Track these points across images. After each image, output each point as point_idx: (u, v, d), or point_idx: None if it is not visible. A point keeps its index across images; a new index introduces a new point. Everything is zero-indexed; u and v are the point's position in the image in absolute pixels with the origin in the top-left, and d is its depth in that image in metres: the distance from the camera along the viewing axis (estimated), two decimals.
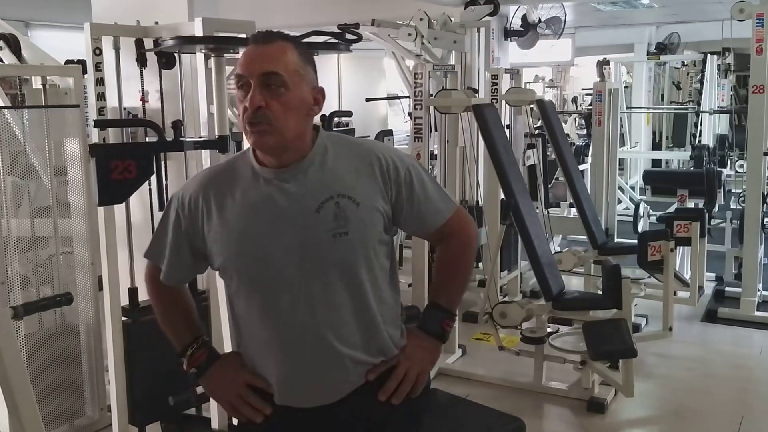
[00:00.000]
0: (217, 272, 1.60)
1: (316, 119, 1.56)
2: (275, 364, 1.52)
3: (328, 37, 3.14)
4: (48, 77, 3.30)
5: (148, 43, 2.95)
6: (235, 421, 2.79)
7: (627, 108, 9.78)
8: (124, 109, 3.04)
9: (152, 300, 1.71)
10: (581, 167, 6.34)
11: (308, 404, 1.53)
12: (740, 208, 6.13)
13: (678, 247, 4.65)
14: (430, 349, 1.63)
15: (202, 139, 2.77)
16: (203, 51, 2.68)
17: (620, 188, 7.53)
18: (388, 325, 1.57)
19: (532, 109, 5.20)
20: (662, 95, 11.66)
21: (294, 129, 1.47)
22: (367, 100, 6.58)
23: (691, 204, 5.98)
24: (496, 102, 4.92)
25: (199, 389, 2.98)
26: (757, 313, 4.99)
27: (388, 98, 8.89)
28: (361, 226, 1.48)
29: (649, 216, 6.25)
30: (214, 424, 2.99)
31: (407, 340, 1.61)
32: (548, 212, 5.15)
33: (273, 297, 1.48)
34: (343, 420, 1.54)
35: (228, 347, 2.74)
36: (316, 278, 1.47)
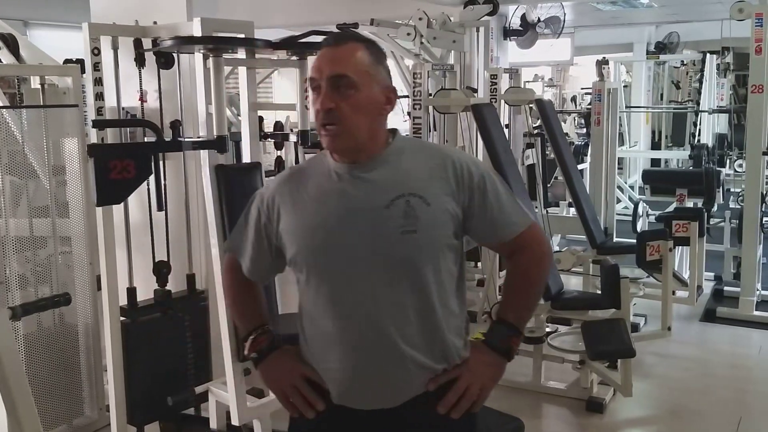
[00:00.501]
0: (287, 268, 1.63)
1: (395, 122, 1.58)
2: (338, 358, 1.51)
3: None
4: (46, 77, 3.30)
5: (147, 43, 2.95)
6: (234, 422, 2.81)
7: (626, 107, 9.79)
8: (123, 108, 3.04)
9: (226, 289, 1.79)
10: (580, 167, 6.34)
11: (366, 406, 1.53)
12: (739, 207, 6.13)
13: (677, 247, 4.65)
14: (494, 365, 1.60)
15: (200, 139, 2.76)
16: (202, 51, 2.68)
17: (619, 188, 7.53)
18: (452, 333, 1.54)
19: (531, 108, 5.20)
20: (661, 95, 11.66)
21: (365, 129, 1.49)
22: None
23: (690, 203, 5.98)
24: (495, 101, 4.91)
25: (198, 389, 2.99)
26: (756, 313, 5.00)
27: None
28: (431, 226, 1.47)
29: (648, 215, 6.25)
30: (213, 424, 3.00)
31: (471, 354, 1.58)
32: (547, 212, 5.14)
33: (340, 289, 1.50)
34: (398, 428, 1.53)
35: (227, 347, 2.74)
36: (383, 274, 1.47)
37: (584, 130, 8.84)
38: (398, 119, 10.06)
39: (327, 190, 1.52)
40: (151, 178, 2.81)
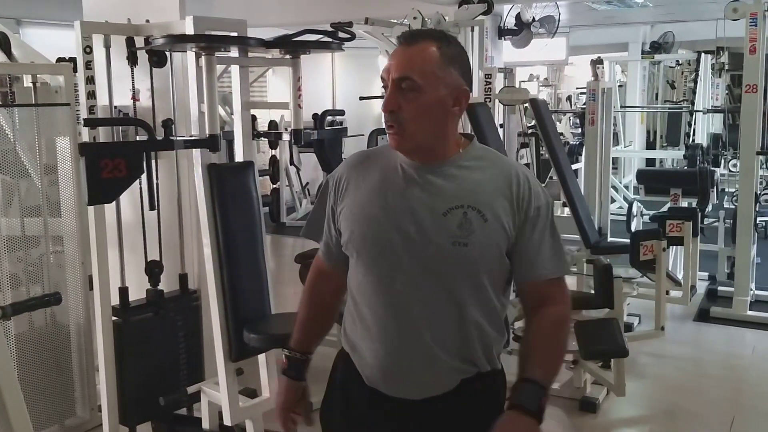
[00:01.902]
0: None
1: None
2: (372, 345, 1.54)
3: (321, 36, 3.13)
4: (38, 75, 3.28)
5: (139, 42, 2.94)
6: (226, 422, 2.80)
7: (621, 107, 9.80)
8: (115, 107, 3.02)
9: (305, 291, 1.77)
10: (575, 166, 6.35)
11: (394, 393, 1.54)
12: (733, 207, 6.14)
13: (671, 247, 4.66)
14: (529, 427, 1.45)
15: (192, 138, 2.75)
16: (194, 50, 2.67)
17: (614, 187, 7.53)
18: (486, 346, 1.52)
19: (525, 108, 5.20)
20: (656, 94, 11.69)
21: (429, 132, 1.48)
22: (361, 98, 6.58)
23: (684, 203, 5.99)
24: (490, 101, 4.91)
25: (190, 389, 2.98)
26: (750, 313, 5.01)
27: (382, 97, 8.86)
28: (484, 241, 1.46)
29: (642, 215, 6.26)
30: (205, 425, 2.99)
31: (501, 419, 1.46)
32: None
33: (384, 281, 1.51)
34: (424, 420, 1.54)
35: (220, 347, 2.73)
36: (425, 279, 1.48)
37: (579, 130, 8.86)
38: None
39: (391, 184, 1.52)
40: (143, 176, 2.80)
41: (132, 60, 2.95)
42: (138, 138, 2.99)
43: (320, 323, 1.76)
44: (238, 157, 2.92)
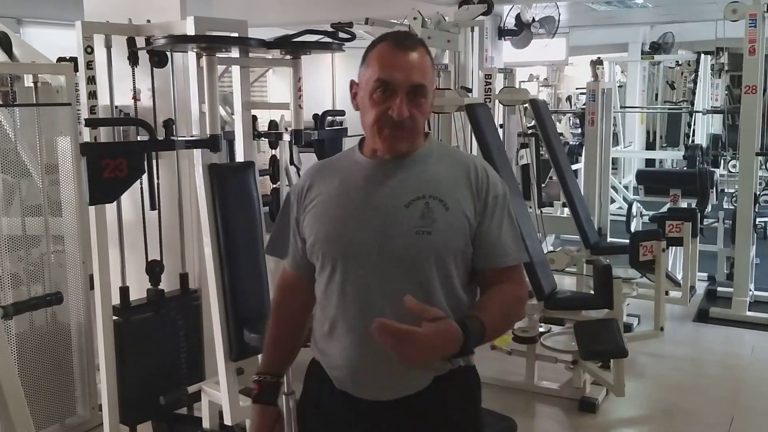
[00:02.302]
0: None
1: None
2: (342, 347, 1.53)
3: (322, 36, 3.14)
4: (39, 75, 3.29)
5: (140, 42, 2.94)
6: (227, 422, 2.81)
7: (621, 107, 9.80)
8: (116, 107, 3.03)
9: (272, 311, 1.74)
10: (575, 167, 6.36)
11: (365, 395, 1.54)
12: (732, 208, 6.15)
13: (670, 247, 4.67)
14: (456, 343, 1.39)
15: (193, 138, 2.76)
16: (195, 50, 2.67)
17: (613, 188, 7.54)
18: None
19: (525, 108, 5.20)
20: (656, 95, 11.69)
21: (421, 132, 1.55)
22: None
23: (683, 204, 6.00)
24: (490, 101, 4.92)
25: (191, 389, 2.99)
26: (749, 313, 5.02)
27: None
28: (446, 230, 1.49)
29: (641, 216, 6.27)
30: (206, 424, 2.99)
31: (442, 322, 1.39)
32: (541, 211, 5.15)
33: (351, 281, 1.51)
34: (397, 421, 1.53)
35: (220, 347, 2.74)
36: (393, 271, 1.49)
37: (579, 130, 8.86)
38: None
39: (352, 184, 1.55)
40: (144, 176, 2.81)
41: (133, 60, 2.95)
42: (139, 138, 3.00)
43: (291, 341, 1.72)
44: (239, 157, 2.93)
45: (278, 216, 1.71)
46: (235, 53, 2.81)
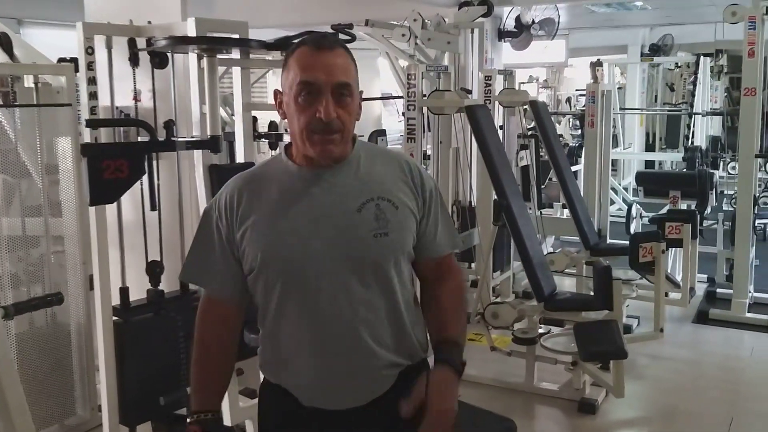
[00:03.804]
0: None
1: None
2: (310, 363, 1.51)
3: None
4: (40, 76, 3.29)
5: (141, 43, 2.95)
6: (226, 422, 2.81)
7: (620, 109, 9.81)
8: (117, 108, 3.03)
9: (197, 342, 1.61)
10: (574, 168, 6.36)
11: (339, 406, 1.52)
12: (732, 209, 6.16)
13: (670, 249, 4.67)
14: (455, 384, 1.53)
15: (194, 139, 2.76)
16: (196, 51, 2.68)
17: (613, 189, 7.55)
18: (416, 330, 1.59)
19: (525, 110, 5.21)
20: (655, 97, 11.69)
21: (351, 134, 1.52)
22: (361, 100, 6.57)
23: (683, 205, 6.00)
24: (489, 103, 4.92)
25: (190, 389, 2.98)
26: (748, 315, 5.02)
27: (382, 98, 8.89)
28: (400, 228, 1.51)
29: (641, 217, 6.27)
30: None
31: (434, 376, 1.51)
32: (541, 213, 5.16)
33: (312, 294, 1.48)
34: (370, 424, 1.53)
35: None
36: (355, 277, 1.48)
37: (578, 132, 8.87)
38: (393, 120, 10.08)
39: (294, 195, 1.50)
40: (145, 177, 2.81)
41: (134, 61, 2.95)
42: (139, 139, 3.00)
43: (222, 372, 1.62)
44: (239, 158, 2.93)
45: (196, 238, 1.58)
46: (235, 54, 2.81)
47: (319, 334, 1.49)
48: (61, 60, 3.51)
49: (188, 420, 1.58)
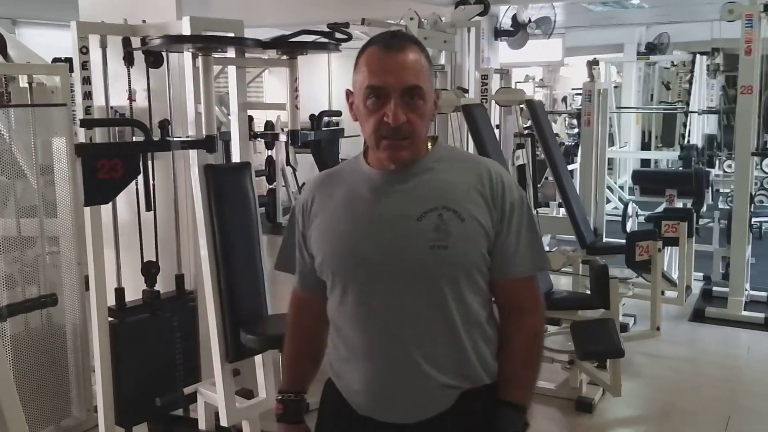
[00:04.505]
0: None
1: None
2: (362, 370, 1.46)
3: (318, 37, 3.14)
4: (34, 76, 3.28)
5: (136, 42, 2.94)
6: (223, 423, 2.80)
7: (617, 108, 9.82)
8: (111, 108, 3.02)
9: (288, 329, 1.67)
10: (570, 167, 6.36)
11: (388, 419, 1.46)
12: (728, 208, 6.16)
13: (666, 247, 4.67)
14: None
15: (189, 139, 2.75)
16: (191, 50, 2.67)
17: (609, 188, 7.55)
18: (479, 352, 1.47)
19: (521, 109, 5.20)
20: (652, 95, 11.70)
21: (423, 137, 1.45)
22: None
23: (679, 204, 6.00)
24: (486, 102, 4.92)
25: (187, 390, 2.98)
26: (745, 313, 5.02)
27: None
28: (463, 242, 1.41)
29: (637, 216, 6.28)
30: (202, 425, 2.99)
31: None
32: (537, 212, 5.15)
33: (364, 300, 1.44)
34: None
35: (216, 348, 2.73)
36: (407, 288, 1.41)
37: (575, 130, 8.87)
38: None
39: (359, 197, 1.47)
40: (140, 177, 2.80)
41: (128, 60, 2.95)
42: (134, 139, 2.99)
43: (310, 357, 1.66)
44: (235, 157, 2.92)
45: (285, 230, 1.63)
46: (231, 53, 2.80)
47: (370, 343, 1.45)
48: (56, 60, 3.50)
49: (276, 396, 1.66)
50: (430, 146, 1.49)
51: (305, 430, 1.63)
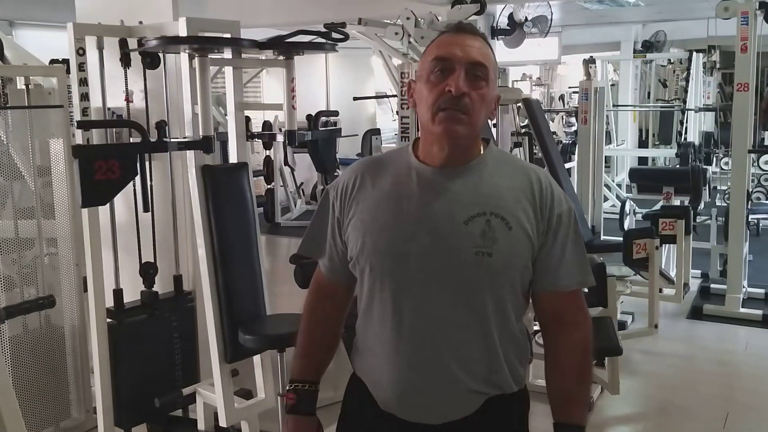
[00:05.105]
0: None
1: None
2: (388, 367, 1.43)
3: (315, 37, 3.14)
4: (32, 77, 3.27)
5: (132, 43, 2.94)
6: (222, 424, 2.81)
7: (613, 106, 9.84)
8: (109, 109, 3.02)
9: (304, 314, 1.62)
10: (568, 165, 6.37)
11: (411, 418, 1.44)
12: (725, 205, 6.17)
13: (663, 245, 4.68)
14: None
15: (186, 140, 2.75)
16: (188, 51, 2.67)
17: (606, 186, 7.56)
18: (511, 360, 1.45)
19: (518, 107, 5.21)
20: (648, 93, 11.73)
21: (480, 125, 1.41)
22: (355, 98, 6.58)
23: (676, 201, 6.02)
24: None
25: (185, 391, 2.98)
26: (742, 310, 5.03)
27: (376, 97, 8.89)
28: (508, 251, 1.37)
29: (635, 213, 6.29)
30: (200, 426, 2.99)
31: None
32: None
33: (400, 297, 1.40)
34: None
35: (215, 349, 2.73)
36: (446, 292, 1.38)
37: (572, 129, 8.89)
38: (388, 118, 10.09)
39: (404, 190, 1.42)
40: (137, 178, 2.80)
41: (125, 61, 2.95)
42: (131, 140, 2.99)
43: (326, 347, 1.62)
44: (232, 158, 2.93)
45: (315, 213, 1.56)
46: (227, 54, 2.81)
47: (401, 342, 1.41)
48: (53, 61, 3.50)
49: (287, 386, 1.60)
50: (482, 149, 1.46)
51: (317, 423, 1.59)
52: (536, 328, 3.96)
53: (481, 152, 1.45)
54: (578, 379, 1.49)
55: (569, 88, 11.67)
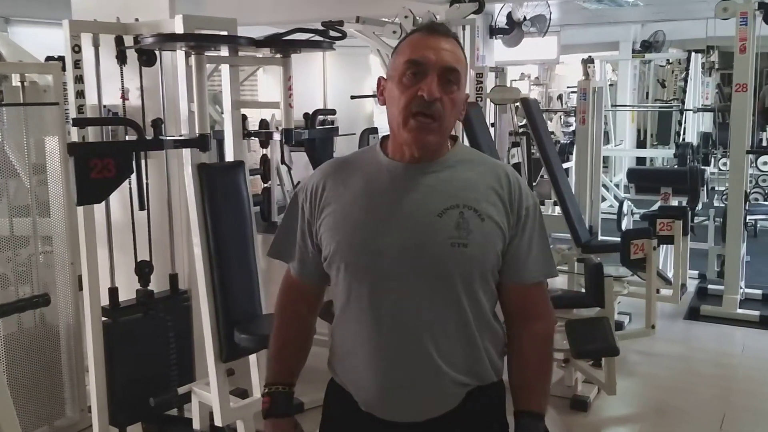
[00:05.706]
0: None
1: None
2: (369, 365, 1.43)
3: (312, 35, 3.12)
4: (27, 74, 3.26)
5: (129, 40, 2.92)
6: (217, 423, 2.79)
7: (612, 106, 9.83)
8: (104, 106, 3.01)
9: (276, 315, 1.63)
10: (566, 165, 6.37)
11: (395, 418, 1.44)
12: (723, 205, 6.17)
13: (661, 245, 4.67)
14: None
15: (182, 138, 2.74)
16: (184, 49, 2.65)
17: (604, 186, 7.56)
18: (489, 351, 1.47)
19: (516, 107, 5.20)
20: (647, 93, 11.74)
21: (449, 129, 1.43)
22: (353, 97, 6.56)
23: (674, 202, 6.01)
24: (481, 100, 4.91)
25: (181, 390, 2.97)
26: (740, 311, 5.03)
27: (373, 95, 8.87)
28: (482, 242, 1.40)
29: (632, 214, 6.28)
30: (196, 425, 2.97)
31: None
32: None
33: (378, 294, 1.41)
34: None
35: (210, 348, 2.72)
36: (424, 284, 1.40)
37: (570, 129, 8.89)
38: (384, 118, 10.08)
39: (377, 188, 1.44)
40: (133, 176, 2.79)
41: (121, 59, 2.93)
42: (127, 138, 2.97)
43: (300, 347, 1.62)
44: (229, 156, 2.91)
45: (284, 216, 1.58)
46: (224, 52, 2.79)
47: (381, 338, 1.42)
48: (49, 58, 3.48)
49: (262, 390, 1.60)
50: (450, 145, 1.48)
51: (294, 424, 1.59)
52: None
53: (450, 148, 1.48)
54: (540, 370, 1.53)
55: (568, 87, 11.66)
